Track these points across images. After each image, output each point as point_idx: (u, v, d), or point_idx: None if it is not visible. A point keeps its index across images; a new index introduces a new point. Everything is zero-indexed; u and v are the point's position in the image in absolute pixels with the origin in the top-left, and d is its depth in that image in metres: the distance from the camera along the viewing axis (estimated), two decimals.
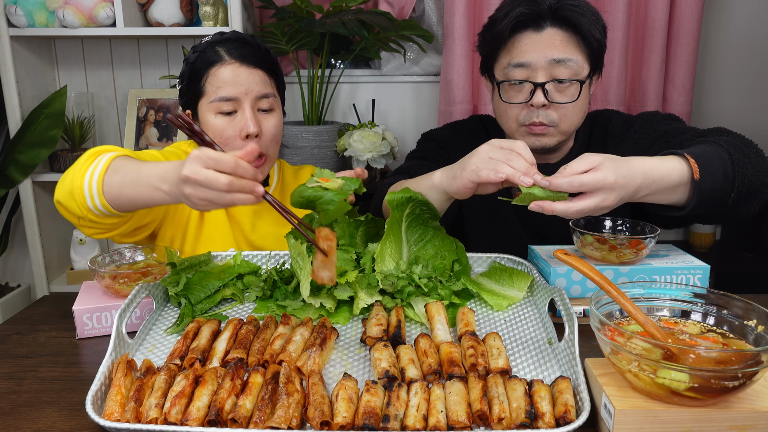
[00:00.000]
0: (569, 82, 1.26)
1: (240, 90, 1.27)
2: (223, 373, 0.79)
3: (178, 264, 1.08)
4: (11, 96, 2.22)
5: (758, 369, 0.65)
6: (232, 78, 1.26)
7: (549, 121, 1.28)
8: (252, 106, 1.28)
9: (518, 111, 1.30)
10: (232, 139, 1.27)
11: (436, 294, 1.04)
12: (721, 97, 2.64)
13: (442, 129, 1.56)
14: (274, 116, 1.32)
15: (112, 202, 1.03)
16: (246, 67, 1.28)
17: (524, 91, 1.28)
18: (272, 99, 1.31)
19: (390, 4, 2.45)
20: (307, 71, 2.39)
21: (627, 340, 0.72)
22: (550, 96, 1.26)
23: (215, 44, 1.29)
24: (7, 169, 2.24)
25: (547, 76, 1.26)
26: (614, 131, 1.40)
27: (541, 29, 1.25)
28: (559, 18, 1.25)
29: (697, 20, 2.35)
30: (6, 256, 2.65)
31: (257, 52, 1.31)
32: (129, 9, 2.23)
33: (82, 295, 1.06)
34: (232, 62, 1.27)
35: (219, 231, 1.39)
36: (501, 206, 1.43)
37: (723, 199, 1.04)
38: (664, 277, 1.06)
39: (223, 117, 1.27)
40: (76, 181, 1.04)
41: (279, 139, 1.34)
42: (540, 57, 1.24)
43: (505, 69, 1.29)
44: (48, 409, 0.79)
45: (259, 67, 1.29)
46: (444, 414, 0.71)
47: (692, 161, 1.01)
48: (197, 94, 1.29)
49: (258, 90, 1.28)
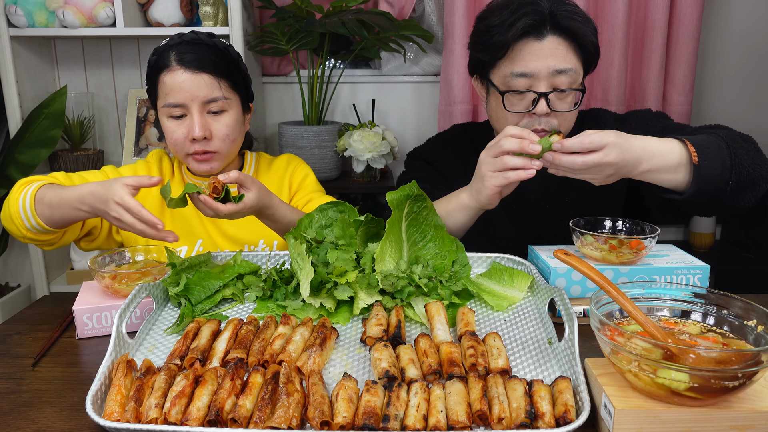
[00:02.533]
0: (569, 90, 1.28)
1: (186, 96, 1.30)
2: (223, 373, 0.79)
3: (178, 264, 1.08)
4: (11, 96, 2.22)
5: (758, 369, 0.65)
6: (178, 84, 1.30)
7: (550, 128, 1.30)
8: (200, 110, 1.32)
9: (519, 118, 1.32)
10: (182, 141, 1.33)
11: (436, 294, 1.04)
12: (721, 97, 2.64)
13: (426, 145, 1.58)
14: (225, 117, 1.35)
15: (47, 221, 1.21)
16: (191, 73, 1.30)
17: (526, 99, 1.29)
18: (221, 102, 1.33)
19: (390, 4, 2.45)
20: (307, 71, 2.39)
21: (627, 340, 0.72)
22: (551, 104, 1.28)
23: (170, 48, 1.33)
24: (7, 169, 2.24)
25: (548, 86, 1.27)
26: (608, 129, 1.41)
27: (543, 38, 1.26)
28: (559, 26, 1.26)
29: (697, 20, 2.36)
30: (6, 256, 2.65)
31: (207, 55, 1.32)
32: (129, 9, 2.23)
33: (82, 295, 1.06)
34: (178, 68, 1.30)
35: (188, 227, 1.42)
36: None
37: (721, 187, 1.07)
38: (664, 277, 1.06)
39: (174, 120, 1.33)
40: (12, 208, 1.23)
41: (234, 136, 1.37)
42: (542, 67, 1.25)
43: (506, 77, 1.29)
44: (48, 409, 0.79)
45: (205, 71, 1.31)
46: (444, 414, 0.71)
47: (690, 146, 1.06)
48: (154, 96, 1.36)
49: (204, 95, 1.31)
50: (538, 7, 1.25)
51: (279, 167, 1.54)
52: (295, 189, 1.52)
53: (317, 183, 1.55)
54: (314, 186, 1.53)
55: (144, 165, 1.46)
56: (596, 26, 1.31)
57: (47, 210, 1.20)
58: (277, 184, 1.51)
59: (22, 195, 1.23)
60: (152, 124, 2.44)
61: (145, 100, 2.45)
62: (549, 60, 1.25)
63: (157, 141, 2.43)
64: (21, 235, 1.25)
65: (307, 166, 1.57)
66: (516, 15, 1.26)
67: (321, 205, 1.17)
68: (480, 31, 1.34)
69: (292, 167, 1.54)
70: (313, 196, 1.48)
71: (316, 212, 1.16)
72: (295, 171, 1.53)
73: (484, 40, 1.32)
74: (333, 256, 1.06)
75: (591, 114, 1.48)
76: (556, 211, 1.43)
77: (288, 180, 1.52)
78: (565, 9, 1.26)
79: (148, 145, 2.43)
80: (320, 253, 1.09)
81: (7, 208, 1.24)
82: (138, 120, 2.44)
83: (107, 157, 2.56)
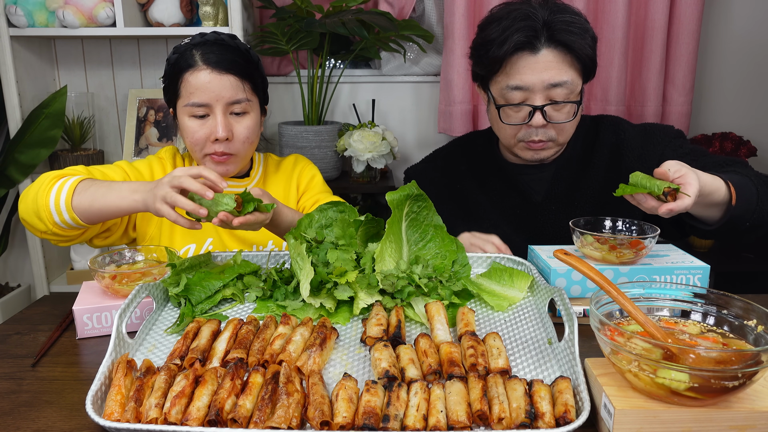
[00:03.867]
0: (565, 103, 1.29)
1: (211, 96, 1.30)
2: (223, 373, 0.79)
3: (178, 265, 1.08)
4: (11, 96, 2.22)
5: (758, 369, 0.65)
6: (204, 84, 1.29)
7: (547, 138, 1.33)
8: (224, 111, 1.31)
9: (517, 129, 1.33)
10: (203, 141, 1.33)
11: (436, 294, 1.04)
12: (721, 97, 2.64)
13: (417, 165, 1.62)
14: (246, 119, 1.35)
15: (82, 215, 1.18)
16: (217, 73, 1.30)
17: (523, 111, 1.31)
18: (245, 104, 1.33)
19: (390, 4, 2.45)
20: (307, 71, 2.39)
21: (627, 340, 0.72)
22: (548, 116, 1.29)
23: (193, 47, 1.32)
24: (7, 169, 2.24)
25: (544, 98, 1.28)
26: (630, 141, 1.42)
27: (537, 51, 1.27)
28: (554, 39, 1.26)
29: (697, 20, 2.36)
30: (6, 256, 2.65)
31: (231, 56, 1.32)
32: (129, 9, 2.23)
33: (82, 295, 1.06)
34: (204, 68, 1.30)
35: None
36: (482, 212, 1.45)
37: (740, 225, 1.14)
38: (664, 277, 1.06)
39: (196, 120, 1.33)
40: (40, 201, 1.18)
41: (253, 139, 1.38)
42: (537, 80, 1.27)
43: (502, 90, 1.31)
44: (48, 409, 0.79)
45: (231, 72, 1.31)
46: (444, 414, 0.71)
47: (732, 188, 1.12)
48: (175, 94, 1.35)
49: (229, 96, 1.31)
50: (532, 20, 1.26)
51: (286, 168, 1.55)
52: (303, 189, 1.53)
53: (324, 183, 1.56)
54: (321, 186, 1.55)
55: (157, 161, 1.45)
56: (595, 35, 1.32)
57: (86, 204, 1.16)
58: (284, 185, 1.52)
59: (55, 189, 1.18)
60: (152, 124, 2.44)
61: (145, 100, 2.45)
62: (544, 74, 1.26)
63: (157, 141, 2.43)
64: (44, 230, 1.21)
65: (315, 166, 1.58)
66: (510, 30, 1.27)
67: (321, 205, 1.17)
68: (478, 44, 1.35)
69: (300, 168, 1.55)
70: (321, 196, 1.50)
71: (316, 212, 1.16)
72: (302, 172, 1.54)
73: (480, 53, 1.33)
74: (333, 256, 1.06)
75: (608, 121, 1.48)
76: (562, 213, 1.43)
77: (296, 180, 1.53)
78: (561, 20, 1.26)
79: (148, 145, 2.43)
80: (320, 253, 1.09)
81: (34, 202, 1.19)
82: (138, 120, 2.44)
83: (107, 157, 2.56)
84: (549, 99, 1.29)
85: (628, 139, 1.42)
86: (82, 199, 1.17)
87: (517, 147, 1.38)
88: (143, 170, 1.42)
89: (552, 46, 1.27)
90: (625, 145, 1.42)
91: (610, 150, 1.43)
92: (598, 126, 1.47)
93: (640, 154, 1.39)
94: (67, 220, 1.18)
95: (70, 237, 1.26)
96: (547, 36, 1.26)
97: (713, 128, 2.63)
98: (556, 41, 1.26)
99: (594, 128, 1.46)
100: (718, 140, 2.45)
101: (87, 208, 1.17)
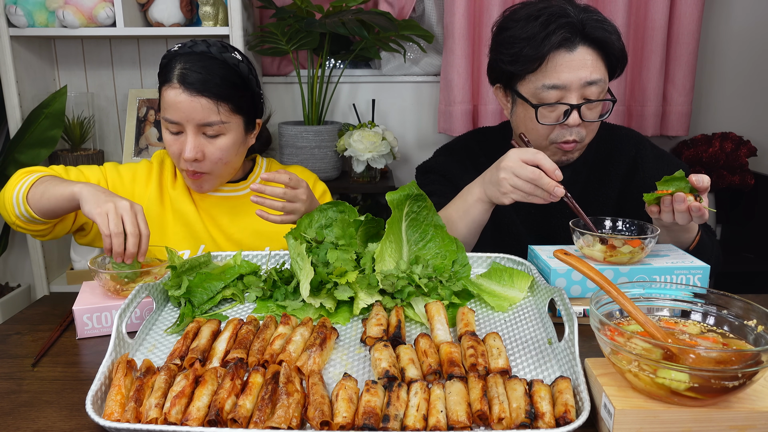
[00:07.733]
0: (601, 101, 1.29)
1: (182, 116, 1.27)
2: (223, 373, 0.79)
3: (179, 266, 1.08)
4: (11, 96, 2.22)
5: (758, 369, 0.65)
6: (175, 104, 1.26)
7: (580, 138, 1.32)
8: (194, 131, 1.28)
9: (550, 130, 1.32)
10: (176, 156, 1.32)
11: (436, 294, 1.04)
12: (721, 97, 2.64)
13: (436, 158, 1.56)
14: (220, 140, 1.30)
15: (36, 209, 1.21)
16: (189, 95, 1.25)
17: (557, 111, 1.29)
18: (218, 126, 1.28)
19: (390, 4, 2.45)
20: (307, 71, 2.39)
21: (627, 340, 0.72)
22: (581, 115, 1.29)
23: (177, 57, 1.29)
24: (7, 169, 2.24)
25: (579, 97, 1.27)
26: (647, 161, 1.43)
27: (574, 49, 1.26)
28: (589, 37, 1.26)
29: (697, 20, 2.36)
30: (6, 256, 2.65)
31: (209, 76, 1.26)
32: (129, 9, 2.23)
33: (82, 295, 1.06)
34: (177, 87, 1.26)
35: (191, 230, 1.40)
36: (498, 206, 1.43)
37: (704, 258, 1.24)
38: (664, 277, 1.06)
39: (171, 135, 1.31)
40: (6, 193, 1.25)
41: (228, 159, 1.33)
42: (574, 78, 1.25)
43: (537, 90, 1.28)
44: (48, 409, 0.79)
45: (204, 95, 1.25)
46: (444, 414, 0.71)
47: (697, 239, 1.27)
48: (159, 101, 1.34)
49: (200, 118, 1.27)
50: (569, 18, 1.25)
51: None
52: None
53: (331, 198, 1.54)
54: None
55: (146, 165, 1.45)
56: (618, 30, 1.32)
57: (37, 197, 1.20)
58: None
59: (20, 183, 1.24)
60: (152, 124, 2.44)
61: (145, 100, 2.45)
62: (580, 71, 1.25)
63: (157, 141, 2.43)
64: (11, 222, 1.27)
65: (322, 182, 1.55)
66: (548, 28, 1.25)
67: (321, 205, 1.16)
68: (504, 42, 1.31)
69: (311, 183, 1.51)
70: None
71: (316, 212, 1.16)
72: (314, 187, 1.51)
73: (512, 52, 1.29)
74: (333, 256, 1.06)
75: (629, 134, 1.48)
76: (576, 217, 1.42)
77: None
78: (594, 18, 1.26)
79: (148, 145, 2.43)
80: (320, 253, 1.09)
81: (2, 194, 1.27)
82: (138, 120, 2.44)
83: (107, 157, 2.57)
84: (583, 98, 1.27)
85: (647, 158, 1.43)
86: (35, 192, 1.21)
87: (549, 150, 1.35)
88: (125, 174, 1.40)
89: (587, 44, 1.26)
90: (643, 161, 1.42)
91: (628, 162, 1.43)
92: (613, 135, 1.47)
93: (652, 175, 1.39)
94: (23, 212, 1.22)
95: (36, 231, 1.29)
96: (582, 34, 1.25)
97: (713, 128, 2.63)
98: (591, 39, 1.26)
99: (609, 136, 1.46)
100: (718, 140, 2.45)
101: (37, 200, 1.20)
